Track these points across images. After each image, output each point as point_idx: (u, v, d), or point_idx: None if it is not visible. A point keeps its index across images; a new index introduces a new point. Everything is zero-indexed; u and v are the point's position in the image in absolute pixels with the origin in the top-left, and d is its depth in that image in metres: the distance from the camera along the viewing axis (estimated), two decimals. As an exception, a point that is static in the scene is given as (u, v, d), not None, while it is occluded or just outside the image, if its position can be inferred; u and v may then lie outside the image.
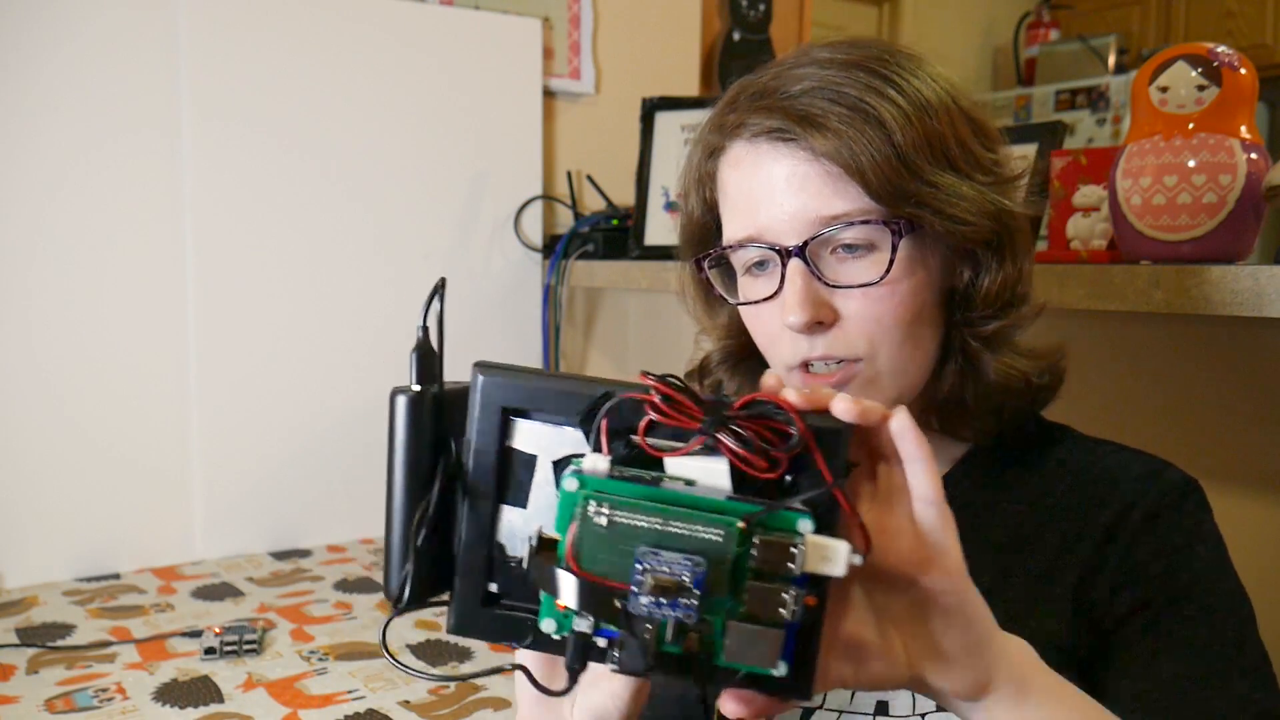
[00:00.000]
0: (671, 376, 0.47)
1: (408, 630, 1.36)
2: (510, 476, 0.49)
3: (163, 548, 1.64)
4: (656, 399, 0.46)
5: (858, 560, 0.45)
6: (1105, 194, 1.08)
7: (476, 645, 1.32)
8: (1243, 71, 0.95)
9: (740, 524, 0.44)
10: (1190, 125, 0.96)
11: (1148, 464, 0.74)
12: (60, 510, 1.55)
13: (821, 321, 0.69)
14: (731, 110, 0.73)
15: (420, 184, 1.83)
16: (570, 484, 0.45)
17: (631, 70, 2.10)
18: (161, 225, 1.61)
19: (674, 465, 0.46)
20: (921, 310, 0.71)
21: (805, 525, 0.44)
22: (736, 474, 0.46)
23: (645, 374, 0.47)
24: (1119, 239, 1.05)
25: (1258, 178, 0.95)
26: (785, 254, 0.69)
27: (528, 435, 0.49)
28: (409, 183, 1.82)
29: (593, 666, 0.48)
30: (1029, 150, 1.29)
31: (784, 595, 0.44)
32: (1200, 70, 0.95)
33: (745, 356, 0.82)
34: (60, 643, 1.29)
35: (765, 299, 0.72)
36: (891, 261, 0.68)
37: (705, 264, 0.77)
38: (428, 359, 0.50)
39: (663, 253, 1.75)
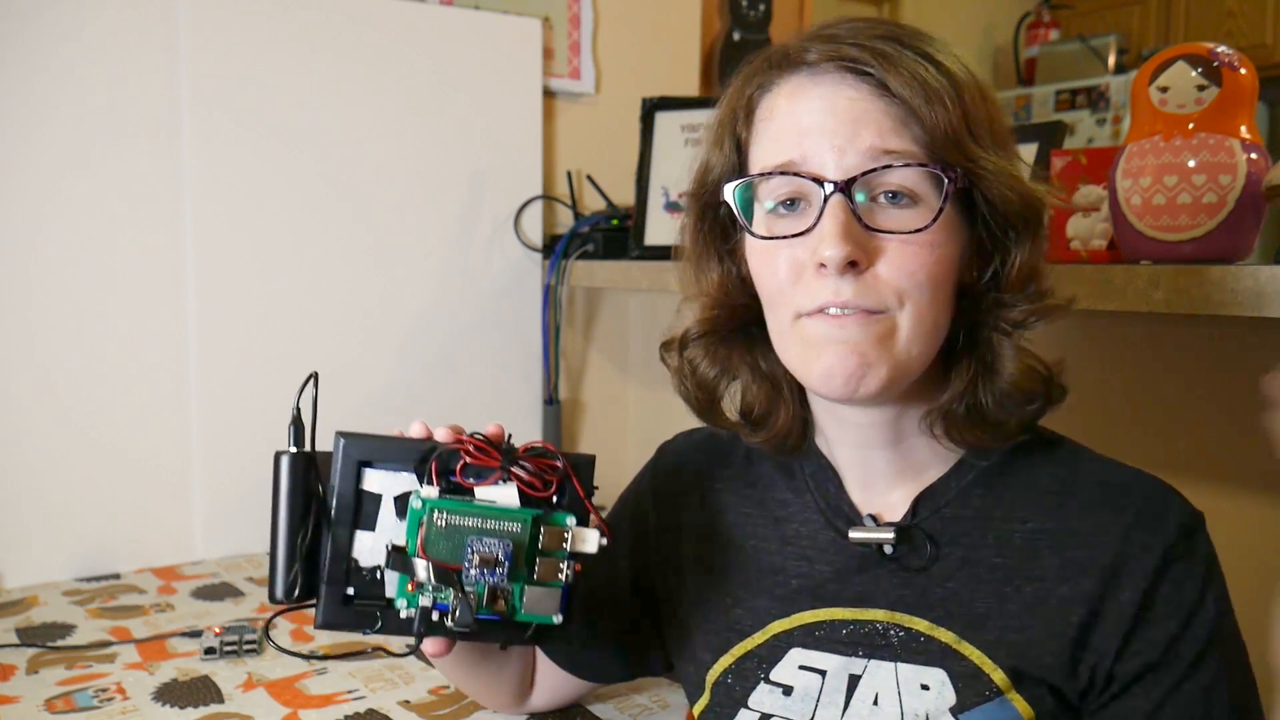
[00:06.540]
0: (478, 433, 0.71)
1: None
2: (362, 509, 0.71)
3: (163, 548, 1.64)
4: (470, 448, 0.70)
5: (604, 541, 0.71)
6: (1105, 194, 1.08)
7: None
8: (1243, 71, 0.95)
9: (533, 516, 0.69)
10: (1190, 125, 0.96)
11: (1149, 493, 0.71)
12: (60, 510, 1.55)
13: (855, 262, 0.66)
14: (783, 50, 0.71)
15: (420, 184, 1.83)
16: (417, 502, 0.69)
17: (631, 70, 2.10)
18: (162, 226, 1.60)
19: (481, 492, 0.70)
20: (948, 280, 0.69)
21: (570, 520, 0.71)
22: (523, 496, 0.70)
23: (459, 430, 0.72)
24: (1119, 239, 1.05)
25: (1258, 178, 0.95)
26: (830, 187, 0.66)
27: (375, 480, 0.72)
28: (409, 182, 1.82)
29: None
30: (1029, 150, 1.29)
31: (560, 565, 0.71)
32: (1200, 70, 0.95)
33: (727, 333, 0.78)
34: (60, 643, 1.29)
35: (796, 234, 0.68)
36: (940, 211, 0.66)
37: (728, 193, 0.72)
38: (300, 429, 0.74)
39: (663, 253, 1.75)
